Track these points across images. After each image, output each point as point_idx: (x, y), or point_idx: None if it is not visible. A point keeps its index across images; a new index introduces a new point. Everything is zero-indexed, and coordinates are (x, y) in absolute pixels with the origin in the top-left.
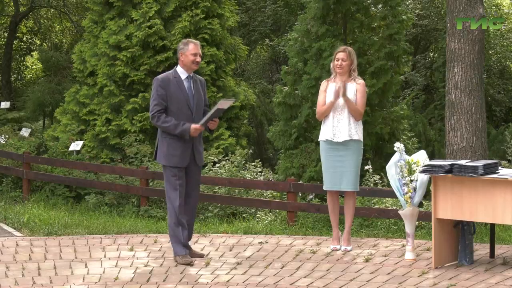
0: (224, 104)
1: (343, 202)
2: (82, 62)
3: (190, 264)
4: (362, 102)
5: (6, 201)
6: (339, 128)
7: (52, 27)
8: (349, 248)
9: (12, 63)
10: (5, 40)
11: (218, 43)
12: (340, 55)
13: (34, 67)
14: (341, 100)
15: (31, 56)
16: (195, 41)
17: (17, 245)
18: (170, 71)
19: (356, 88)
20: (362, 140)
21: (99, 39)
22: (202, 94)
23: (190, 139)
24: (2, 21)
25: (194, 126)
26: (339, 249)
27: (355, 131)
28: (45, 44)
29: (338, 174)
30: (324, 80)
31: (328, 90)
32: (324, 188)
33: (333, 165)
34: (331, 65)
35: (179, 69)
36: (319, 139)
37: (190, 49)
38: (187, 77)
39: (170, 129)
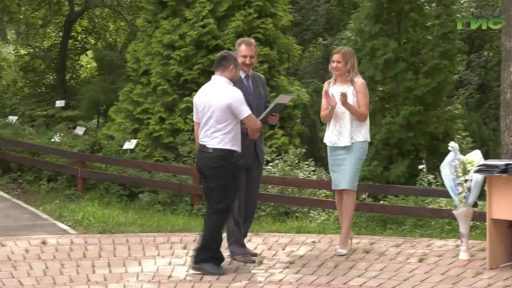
0: (283, 99)
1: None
2: (136, 61)
3: (253, 262)
4: (364, 102)
5: (61, 199)
6: (342, 132)
7: (106, 27)
8: (343, 251)
9: (67, 62)
10: (60, 39)
11: (272, 43)
12: (335, 57)
13: (88, 66)
14: (340, 107)
15: (86, 55)
16: (248, 41)
17: (71, 242)
18: None
19: (355, 89)
20: (367, 140)
21: (153, 38)
22: (262, 91)
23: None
24: (58, 21)
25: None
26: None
27: (359, 133)
28: (99, 43)
29: (339, 173)
30: (326, 82)
31: (330, 93)
32: (333, 188)
33: (336, 164)
34: (329, 66)
35: None
36: (324, 141)
37: (241, 50)
38: (246, 76)
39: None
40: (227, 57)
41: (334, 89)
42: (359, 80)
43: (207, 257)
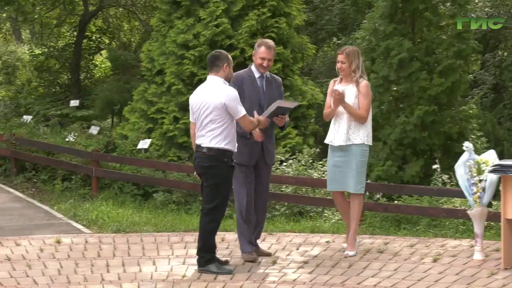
0: (285, 103)
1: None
2: (150, 61)
3: (254, 261)
4: (364, 103)
5: (75, 199)
6: (338, 132)
7: (120, 26)
8: (351, 253)
9: (82, 62)
10: (75, 39)
11: (285, 42)
12: (339, 57)
13: (102, 65)
14: (340, 107)
15: (100, 54)
16: (268, 44)
17: (86, 242)
18: (245, 69)
19: (359, 90)
20: (365, 143)
21: (167, 38)
22: (276, 93)
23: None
24: (72, 20)
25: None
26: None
27: (357, 135)
28: (113, 43)
29: (338, 174)
30: (332, 80)
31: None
32: (327, 189)
33: (333, 165)
34: (337, 66)
35: (253, 67)
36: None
37: (260, 52)
38: (260, 76)
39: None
40: (219, 57)
41: (338, 87)
42: (363, 82)
43: (209, 258)
